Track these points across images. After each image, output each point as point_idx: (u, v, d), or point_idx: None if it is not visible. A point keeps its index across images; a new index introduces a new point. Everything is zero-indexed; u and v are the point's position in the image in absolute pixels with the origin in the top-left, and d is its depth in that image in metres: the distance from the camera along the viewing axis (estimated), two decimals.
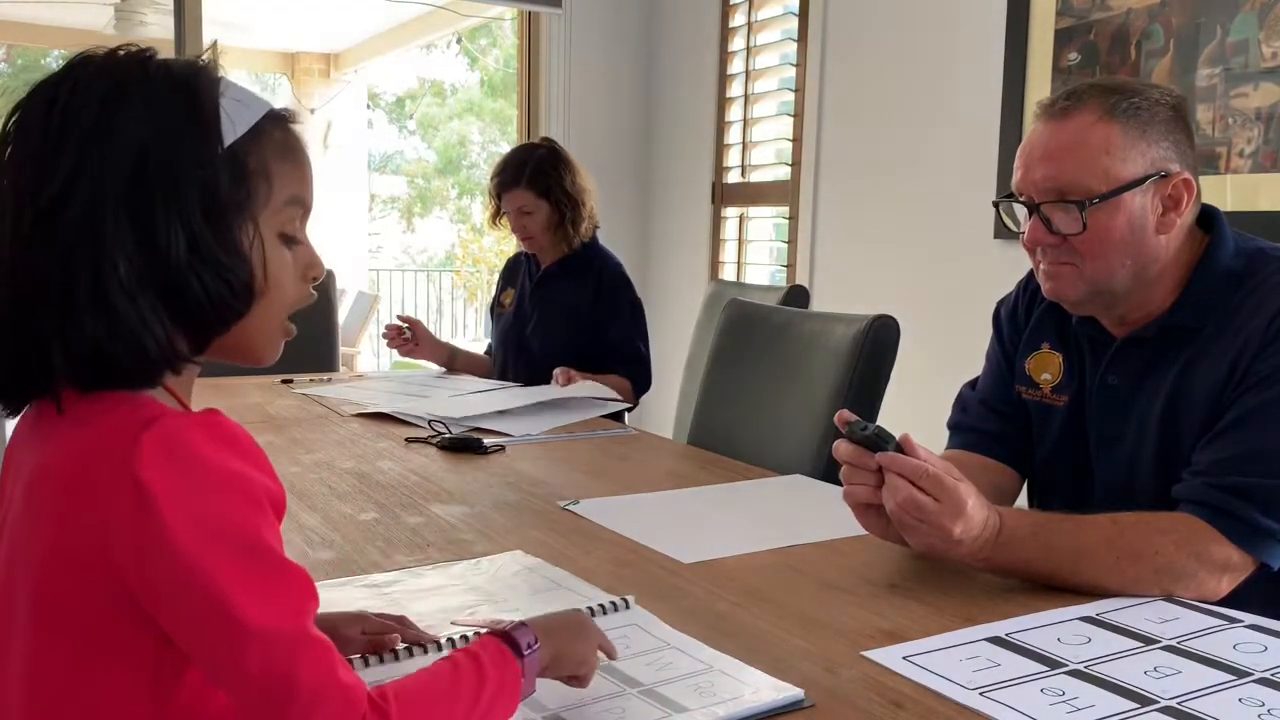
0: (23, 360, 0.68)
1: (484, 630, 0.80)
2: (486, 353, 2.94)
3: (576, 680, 0.85)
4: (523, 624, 0.80)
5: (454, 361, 2.83)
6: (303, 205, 0.76)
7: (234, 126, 0.71)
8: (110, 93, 0.68)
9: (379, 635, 0.95)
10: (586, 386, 2.37)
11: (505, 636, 0.78)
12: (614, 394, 2.39)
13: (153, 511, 0.63)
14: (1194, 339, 1.25)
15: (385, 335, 2.77)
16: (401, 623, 0.97)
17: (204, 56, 0.74)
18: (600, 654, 0.88)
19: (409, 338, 2.74)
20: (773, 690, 0.88)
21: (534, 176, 2.65)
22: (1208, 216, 1.30)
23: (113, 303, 0.66)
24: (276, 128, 0.75)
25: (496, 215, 2.75)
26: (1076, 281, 1.27)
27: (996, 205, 1.37)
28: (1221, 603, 1.11)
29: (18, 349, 0.68)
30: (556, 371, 2.49)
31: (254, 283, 0.72)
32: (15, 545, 0.70)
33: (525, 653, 0.77)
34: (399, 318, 2.78)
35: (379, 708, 0.66)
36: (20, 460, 0.72)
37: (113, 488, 0.64)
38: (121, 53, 0.71)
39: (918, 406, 2.01)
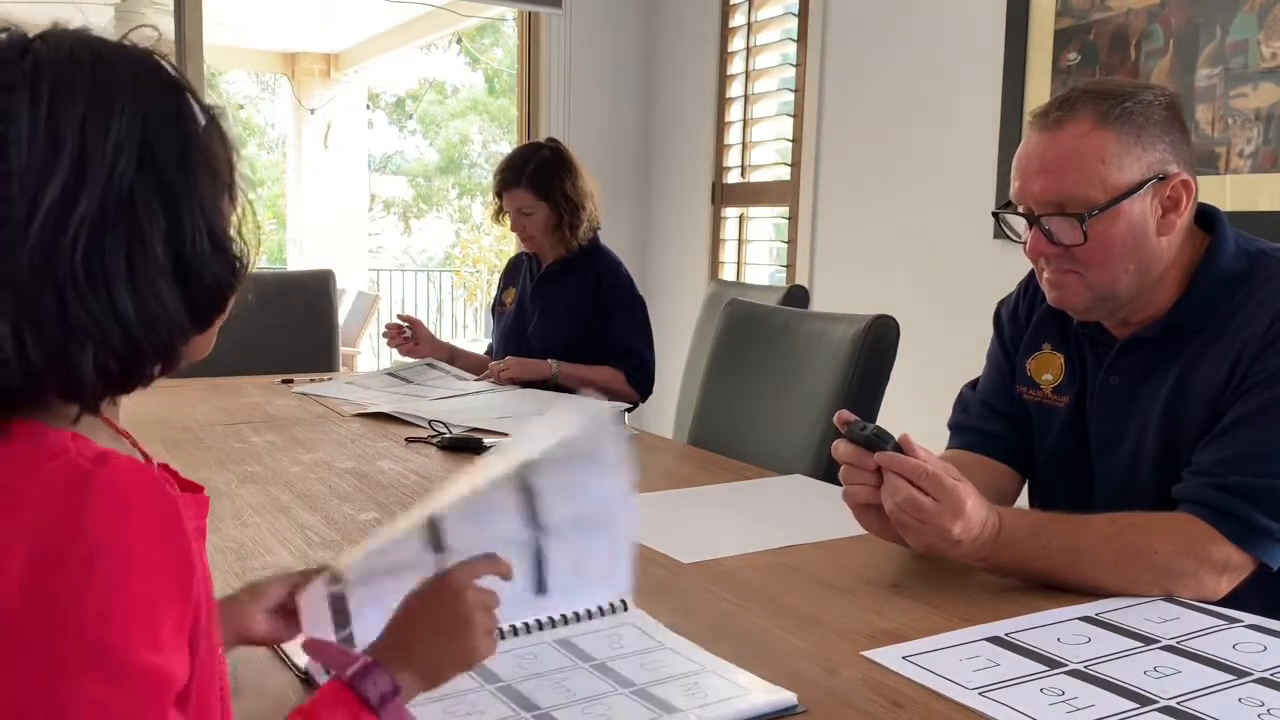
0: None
1: (331, 668, 0.70)
2: (487, 352, 2.94)
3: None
4: (375, 662, 0.68)
5: (454, 361, 2.83)
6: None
7: (200, 110, 0.66)
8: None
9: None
10: (575, 401, 2.37)
11: (351, 688, 0.67)
12: (607, 405, 2.36)
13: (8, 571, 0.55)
14: (1195, 339, 1.25)
15: (385, 334, 2.77)
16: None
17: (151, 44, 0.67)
18: (498, 586, 0.73)
19: (409, 336, 2.75)
20: (765, 693, 0.88)
21: (534, 178, 2.65)
22: (1208, 217, 1.30)
23: (157, 291, 0.61)
24: (222, 116, 0.69)
25: (499, 213, 2.76)
26: (1081, 290, 1.27)
27: (996, 215, 1.37)
28: (1221, 603, 1.11)
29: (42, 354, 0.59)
30: (493, 364, 2.59)
31: (246, 264, 0.68)
32: None
33: (382, 707, 0.66)
34: (399, 317, 2.79)
35: None
36: None
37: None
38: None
39: (918, 406, 2.01)
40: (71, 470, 0.57)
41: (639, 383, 2.68)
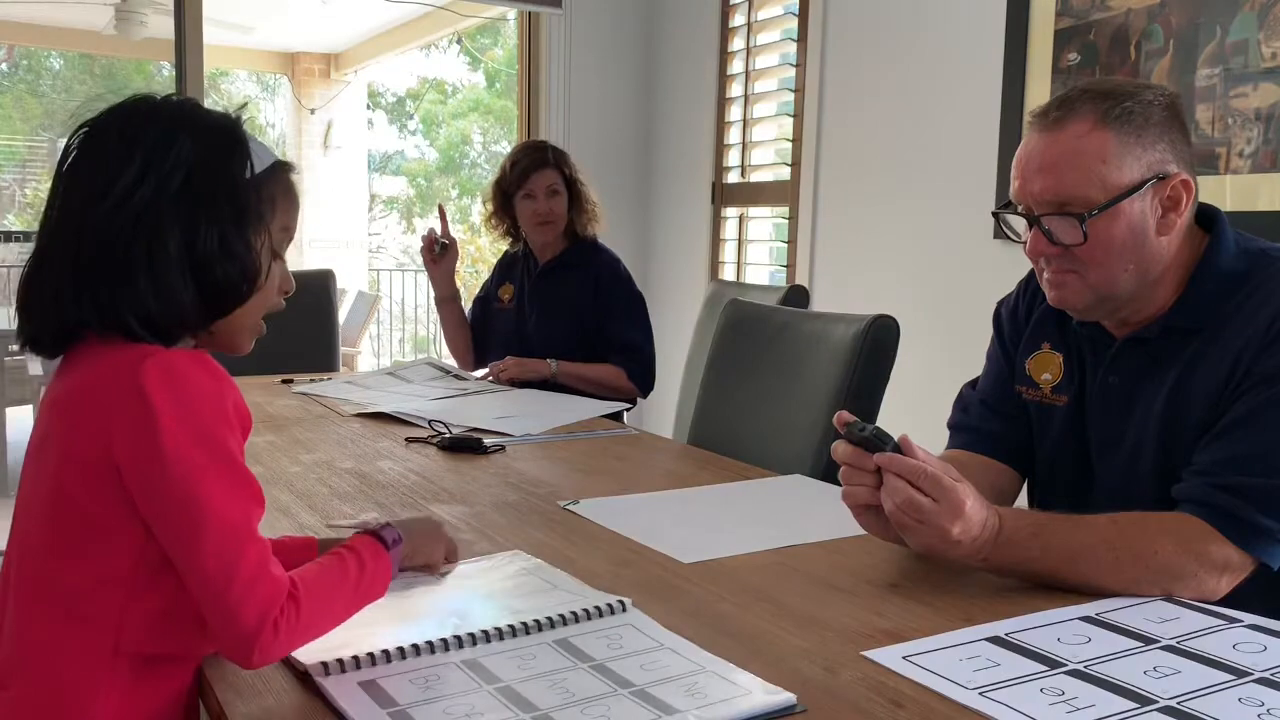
0: (69, 313, 0.87)
1: (358, 529, 1.00)
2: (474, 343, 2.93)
3: (429, 569, 1.14)
4: (388, 524, 1.00)
5: (450, 304, 2.84)
6: (290, 234, 0.99)
7: (257, 163, 0.93)
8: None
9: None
10: (581, 402, 2.37)
11: (376, 535, 0.98)
12: (607, 407, 2.36)
13: (151, 415, 0.82)
14: (1195, 339, 1.25)
15: (423, 239, 2.80)
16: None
17: (238, 112, 0.97)
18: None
19: (437, 254, 2.77)
20: (764, 694, 0.88)
21: (559, 159, 2.75)
22: (1208, 217, 1.30)
23: (162, 272, 0.87)
24: (284, 171, 0.98)
25: (502, 211, 2.76)
26: (1081, 290, 1.27)
27: (996, 215, 1.37)
28: (1221, 603, 1.11)
29: (70, 304, 0.87)
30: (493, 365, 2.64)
31: (257, 277, 0.92)
32: (40, 453, 0.89)
33: (391, 547, 0.98)
34: (443, 232, 2.79)
35: (294, 595, 0.85)
36: (49, 398, 0.91)
37: (119, 398, 0.83)
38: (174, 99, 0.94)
39: (918, 406, 2.01)
40: (179, 352, 0.87)
41: (640, 379, 2.68)
